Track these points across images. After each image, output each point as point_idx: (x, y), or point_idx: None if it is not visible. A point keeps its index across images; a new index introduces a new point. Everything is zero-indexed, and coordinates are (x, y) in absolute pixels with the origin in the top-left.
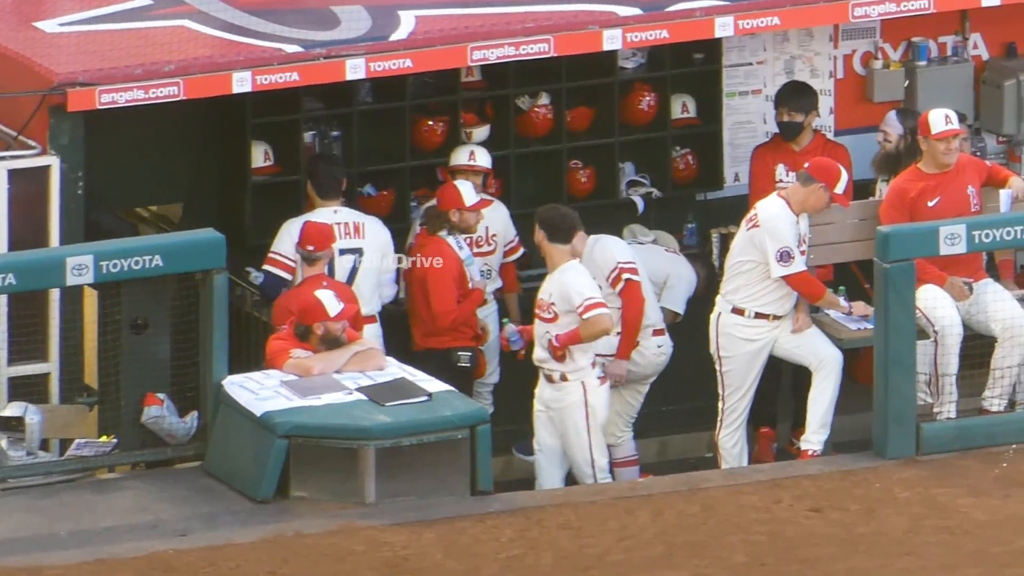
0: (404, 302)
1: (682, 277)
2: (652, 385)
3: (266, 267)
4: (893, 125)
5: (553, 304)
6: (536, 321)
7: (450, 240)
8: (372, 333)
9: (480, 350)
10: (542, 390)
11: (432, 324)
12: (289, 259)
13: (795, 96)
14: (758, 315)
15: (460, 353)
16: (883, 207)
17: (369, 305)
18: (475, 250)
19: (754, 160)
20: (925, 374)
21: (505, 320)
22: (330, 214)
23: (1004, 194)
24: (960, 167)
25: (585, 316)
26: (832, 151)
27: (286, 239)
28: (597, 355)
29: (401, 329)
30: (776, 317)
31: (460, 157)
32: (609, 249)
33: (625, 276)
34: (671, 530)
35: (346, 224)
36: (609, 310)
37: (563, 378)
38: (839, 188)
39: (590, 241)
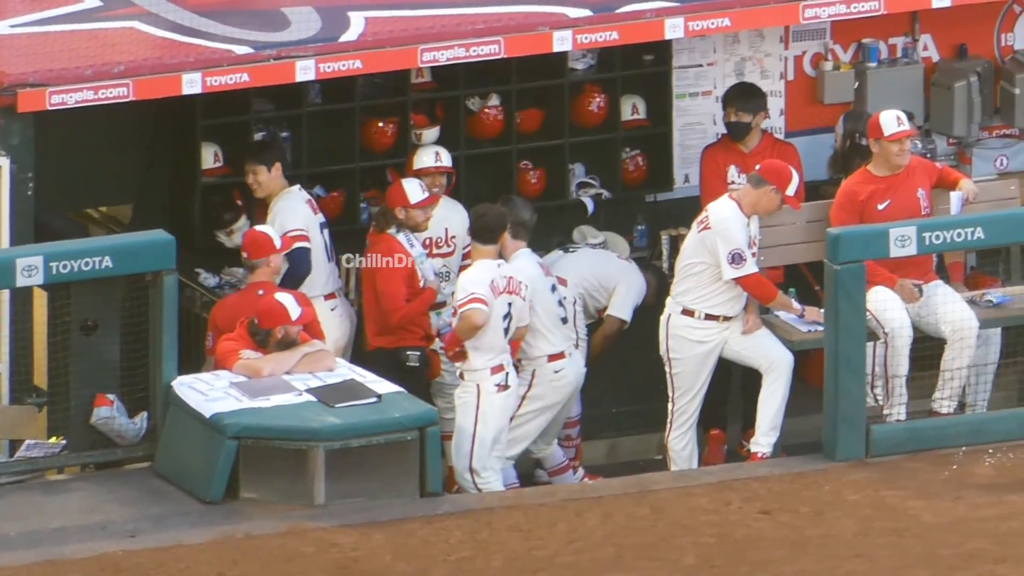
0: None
1: (632, 284)
2: (586, 391)
3: (298, 244)
4: (838, 127)
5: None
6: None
7: (400, 237)
8: (344, 305)
9: (434, 350)
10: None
11: (382, 322)
12: (303, 230)
13: (742, 96)
14: (708, 316)
15: (409, 352)
16: (833, 209)
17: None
18: (434, 251)
19: (705, 161)
20: (874, 376)
21: (438, 312)
22: (298, 191)
23: (955, 196)
24: (910, 169)
25: (460, 310)
26: (781, 151)
27: (289, 216)
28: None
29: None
30: (726, 319)
31: (427, 160)
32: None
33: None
34: (621, 532)
35: (310, 200)
36: (486, 308)
37: (461, 376)
38: (790, 190)
39: (516, 254)
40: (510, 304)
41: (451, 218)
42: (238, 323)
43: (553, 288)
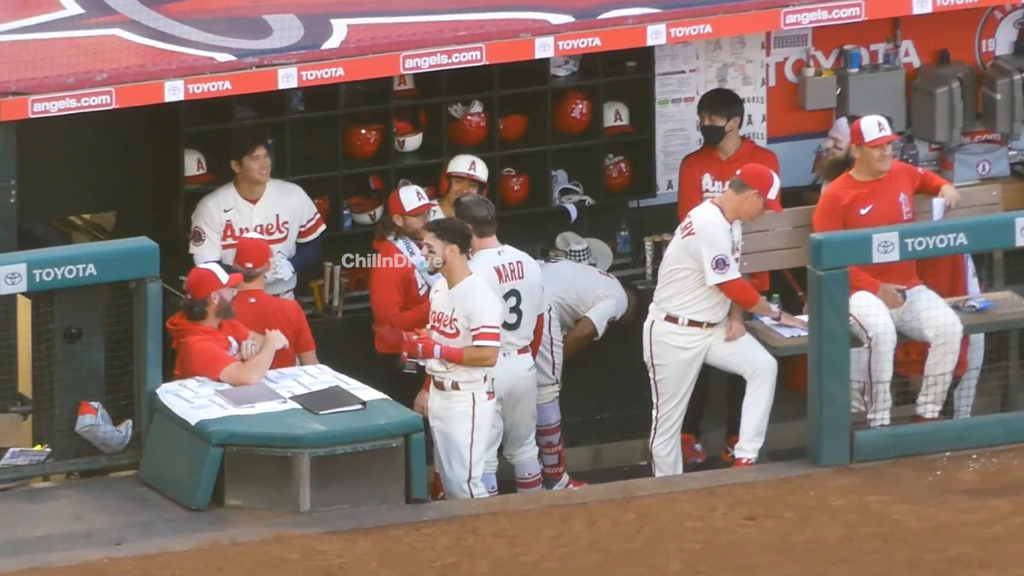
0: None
1: (611, 298)
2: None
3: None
4: (844, 133)
5: (456, 320)
6: (434, 333)
7: (399, 244)
8: None
9: None
10: (432, 399)
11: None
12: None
13: (715, 101)
14: (691, 323)
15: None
16: (816, 215)
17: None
18: None
19: (683, 171)
20: (859, 382)
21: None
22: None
23: (937, 203)
24: (892, 175)
25: (477, 342)
26: (760, 158)
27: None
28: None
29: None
30: (710, 325)
31: (460, 165)
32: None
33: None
34: (606, 538)
35: None
36: (499, 344)
37: (455, 387)
38: (772, 193)
39: (477, 254)
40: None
41: None
42: (176, 315)
43: (508, 295)
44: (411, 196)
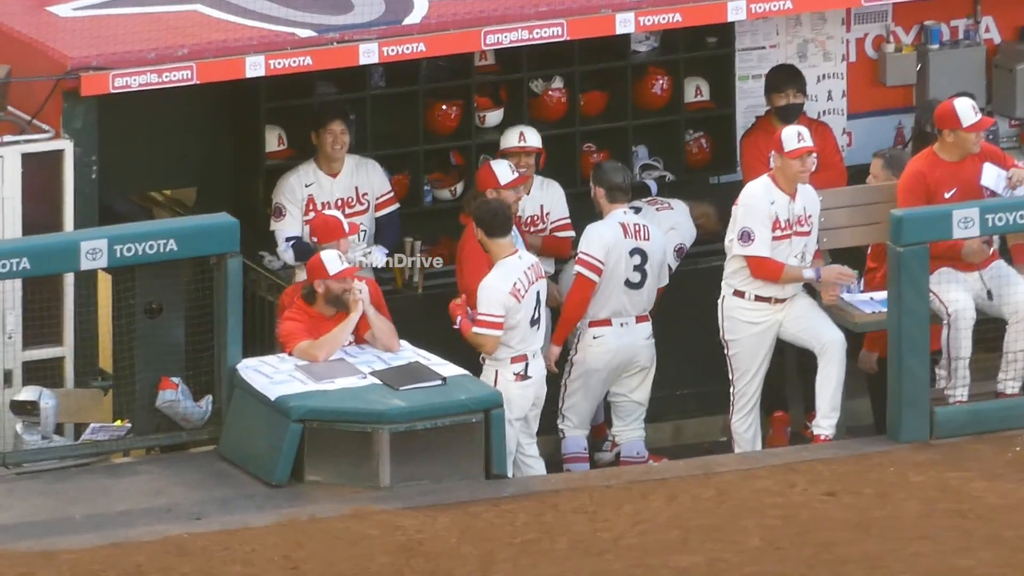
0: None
1: (673, 229)
2: (651, 373)
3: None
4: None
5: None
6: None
7: None
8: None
9: None
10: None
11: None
12: None
13: (794, 78)
14: (758, 298)
15: None
16: (900, 190)
17: None
18: (532, 229)
19: (747, 149)
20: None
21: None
22: None
23: (989, 168)
24: (977, 155)
25: (475, 329)
26: (816, 130)
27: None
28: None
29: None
30: (778, 300)
31: (510, 140)
32: (587, 235)
33: (579, 268)
34: (686, 514)
35: None
36: (500, 333)
37: (482, 360)
38: (786, 147)
39: (610, 214)
40: (538, 292)
41: (547, 196)
42: (295, 297)
43: (634, 252)
44: (505, 170)
